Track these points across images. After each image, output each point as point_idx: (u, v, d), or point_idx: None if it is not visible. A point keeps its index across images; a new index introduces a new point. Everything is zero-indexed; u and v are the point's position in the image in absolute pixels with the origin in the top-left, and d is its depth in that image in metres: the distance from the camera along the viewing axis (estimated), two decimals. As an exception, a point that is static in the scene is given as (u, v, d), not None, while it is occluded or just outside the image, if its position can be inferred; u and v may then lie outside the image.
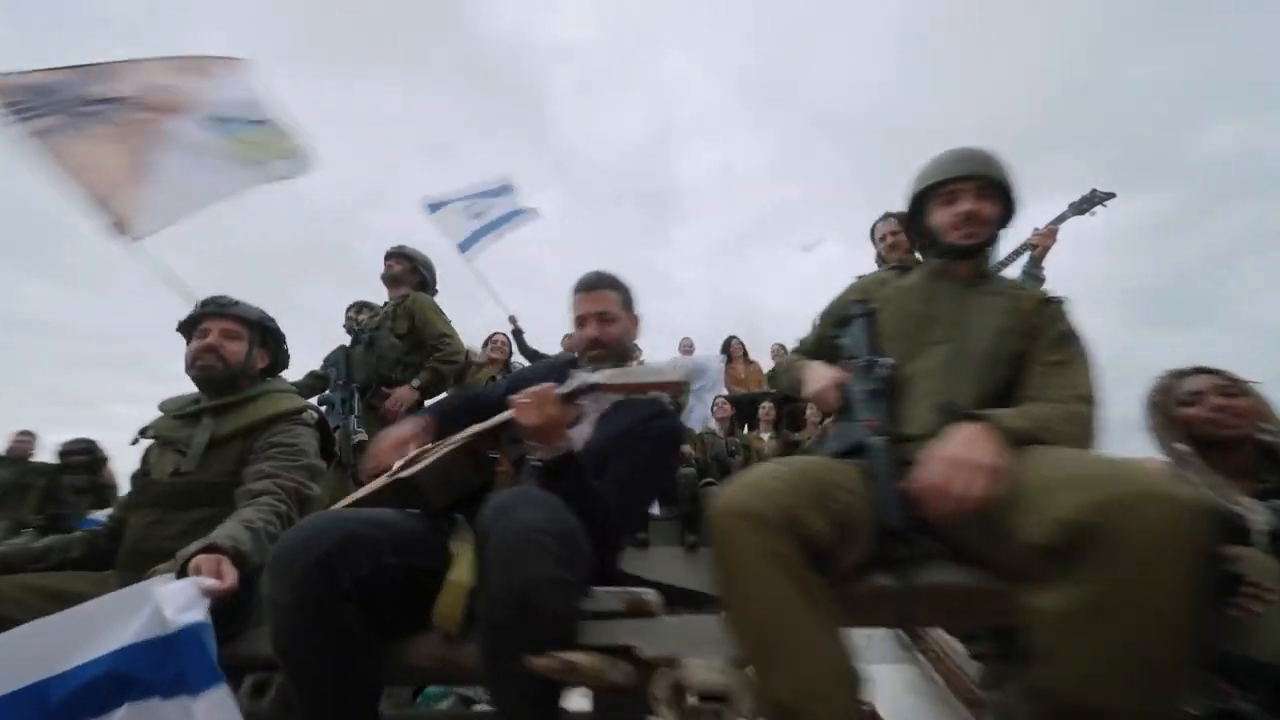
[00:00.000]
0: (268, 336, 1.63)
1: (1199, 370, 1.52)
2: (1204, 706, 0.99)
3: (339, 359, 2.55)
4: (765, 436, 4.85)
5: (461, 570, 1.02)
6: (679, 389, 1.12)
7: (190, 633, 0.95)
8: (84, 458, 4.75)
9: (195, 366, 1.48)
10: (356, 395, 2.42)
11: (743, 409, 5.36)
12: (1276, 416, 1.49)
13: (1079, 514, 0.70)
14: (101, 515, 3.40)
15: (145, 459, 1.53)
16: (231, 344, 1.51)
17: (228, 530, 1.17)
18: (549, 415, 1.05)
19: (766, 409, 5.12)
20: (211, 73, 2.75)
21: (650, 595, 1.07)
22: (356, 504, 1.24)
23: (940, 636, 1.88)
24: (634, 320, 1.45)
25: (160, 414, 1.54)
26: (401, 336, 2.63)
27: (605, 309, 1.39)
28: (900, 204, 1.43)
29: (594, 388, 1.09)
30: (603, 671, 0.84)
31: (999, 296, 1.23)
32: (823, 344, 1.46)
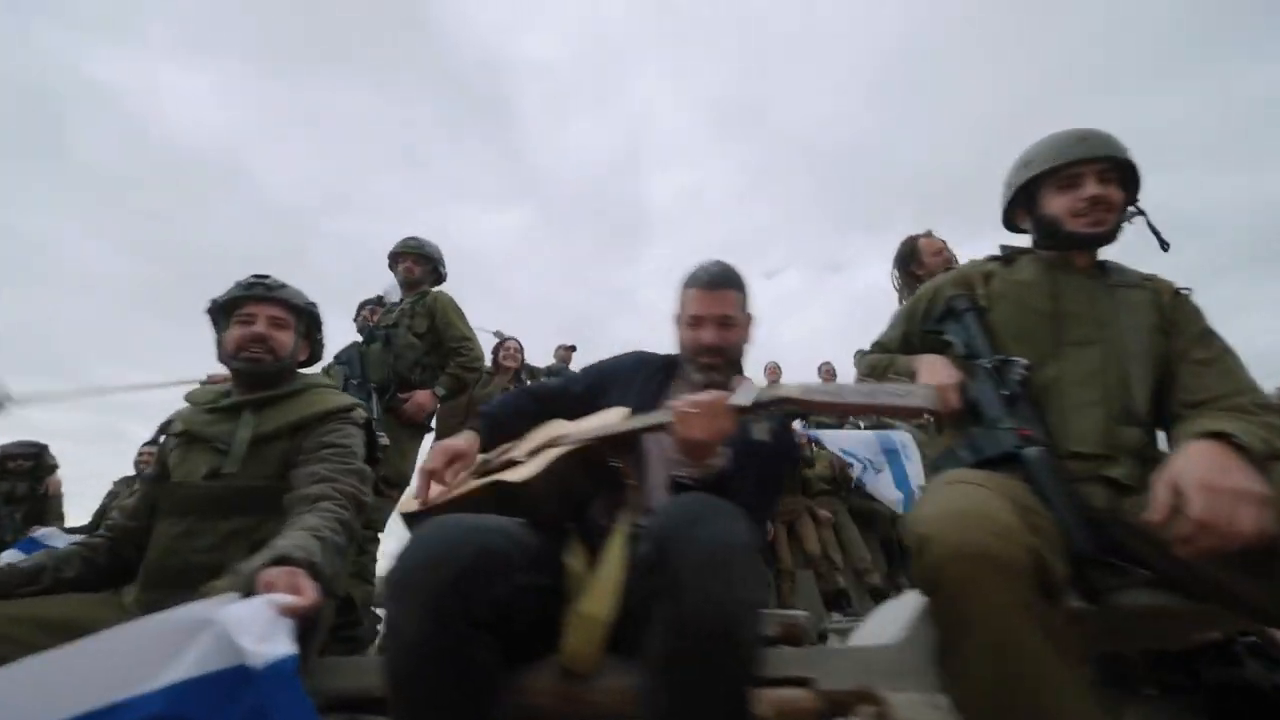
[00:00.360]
0: (311, 325, 1.45)
1: None
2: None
3: (353, 357, 2.33)
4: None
5: (595, 600, 0.87)
6: (919, 415, 0.88)
7: (279, 669, 0.76)
8: (29, 463, 4.17)
9: (240, 358, 1.28)
10: (375, 396, 2.21)
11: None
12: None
13: None
14: (43, 533, 2.94)
15: (162, 460, 1.31)
16: (280, 333, 1.32)
17: (296, 540, 0.98)
18: (718, 429, 0.89)
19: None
20: None
21: (802, 618, 0.96)
22: (446, 507, 1.07)
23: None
24: (749, 321, 1.28)
25: (188, 406, 1.33)
26: (420, 335, 2.44)
27: (728, 312, 1.20)
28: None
29: (785, 401, 0.87)
30: (818, 711, 0.71)
31: (1137, 289, 1.13)
32: (910, 342, 1.34)
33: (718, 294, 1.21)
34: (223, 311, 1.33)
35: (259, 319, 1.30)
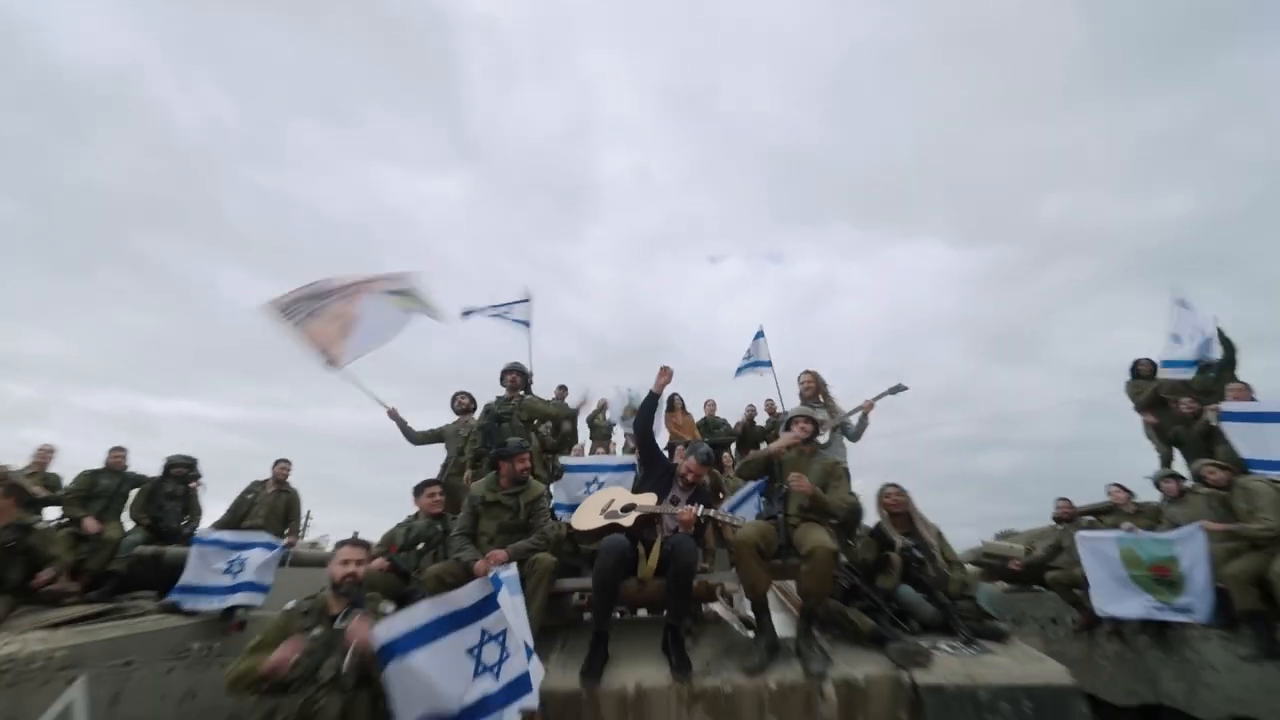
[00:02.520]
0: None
1: (892, 484, 3.96)
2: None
3: (492, 430, 4.40)
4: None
5: (651, 560, 3.09)
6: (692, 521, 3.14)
7: (496, 579, 2.78)
8: (186, 469, 5.83)
9: (520, 479, 3.40)
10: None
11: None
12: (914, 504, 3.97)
13: (819, 547, 2.91)
14: (201, 531, 4.95)
15: (474, 508, 3.38)
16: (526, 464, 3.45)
17: (522, 544, 3.13)
18: (692, 520, 3.13)
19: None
20: (390, 276, 4.74)
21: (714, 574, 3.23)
22: (600, 530, 3.22)
23: (790, 592, 4.19)
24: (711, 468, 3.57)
25: (486, 488, 3.41)
26: (524, 423, 4.53)
27: (705, 475, 3.47)
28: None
29: (711, 518, 3.19)
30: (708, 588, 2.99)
31: (820, 462, 3.54)
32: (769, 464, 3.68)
33: (705, 466, 3.46)
34: (500, 456, 3.41)
35: (520, 461, 3.42)
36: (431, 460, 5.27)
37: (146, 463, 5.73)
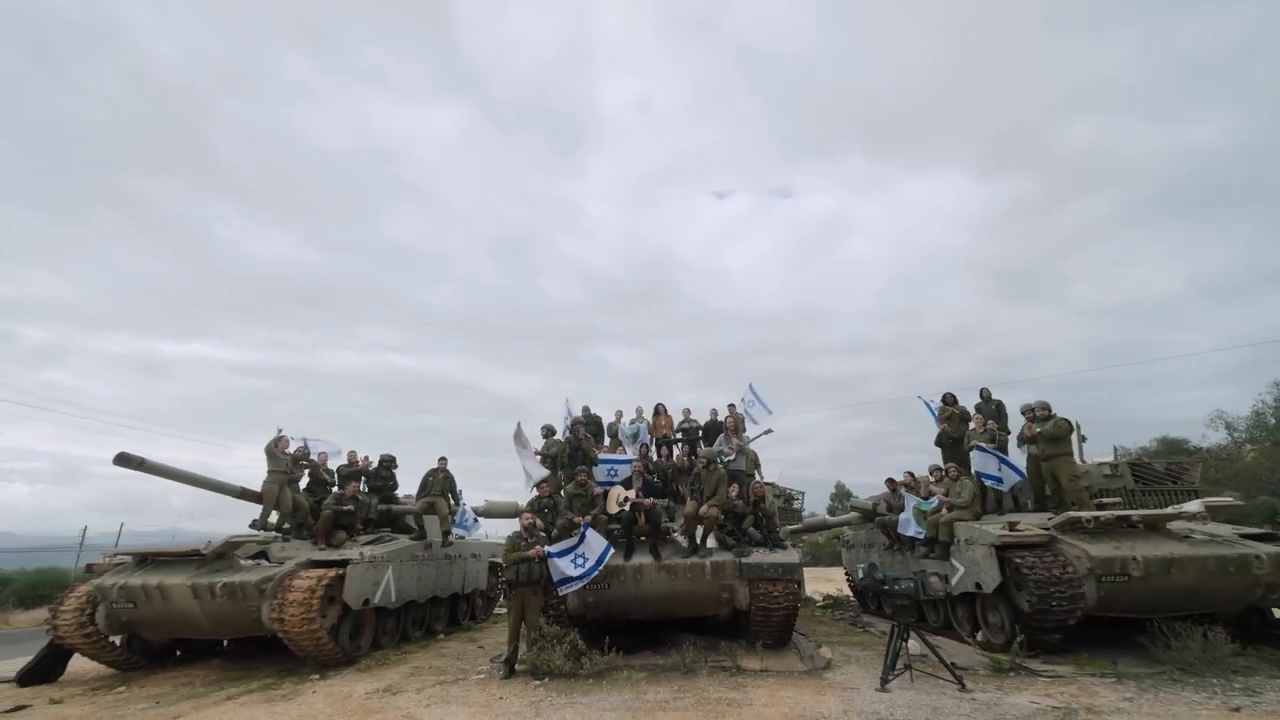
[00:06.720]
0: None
1: (758, 481, 8.46)
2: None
3: (575, 454, 8.93)
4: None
5: (640, 519, 7.70)
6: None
7: (585, 525, 7.44)
8: (390, 462, 10.56)
9: (581, 484, 7.97)
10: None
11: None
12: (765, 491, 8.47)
13: (710, 517, 7.45)
14: (460, 510, 9.71)
15: (571, 504, 7.94)
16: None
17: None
18: (651, 504, 7.74)
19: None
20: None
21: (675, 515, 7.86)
22: (618, 513, 7.80)
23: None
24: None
25: (572, 488, 7.97)
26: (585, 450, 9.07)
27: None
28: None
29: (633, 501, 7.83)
30: (669, 530, 7.62)
31: (714, 470, 8.05)
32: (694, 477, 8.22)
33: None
34: (576, 472, 7.95)
35: (583, 477, 7.97)
36: (446, 423, 10.30)
37: (167, 405, 9.82)
